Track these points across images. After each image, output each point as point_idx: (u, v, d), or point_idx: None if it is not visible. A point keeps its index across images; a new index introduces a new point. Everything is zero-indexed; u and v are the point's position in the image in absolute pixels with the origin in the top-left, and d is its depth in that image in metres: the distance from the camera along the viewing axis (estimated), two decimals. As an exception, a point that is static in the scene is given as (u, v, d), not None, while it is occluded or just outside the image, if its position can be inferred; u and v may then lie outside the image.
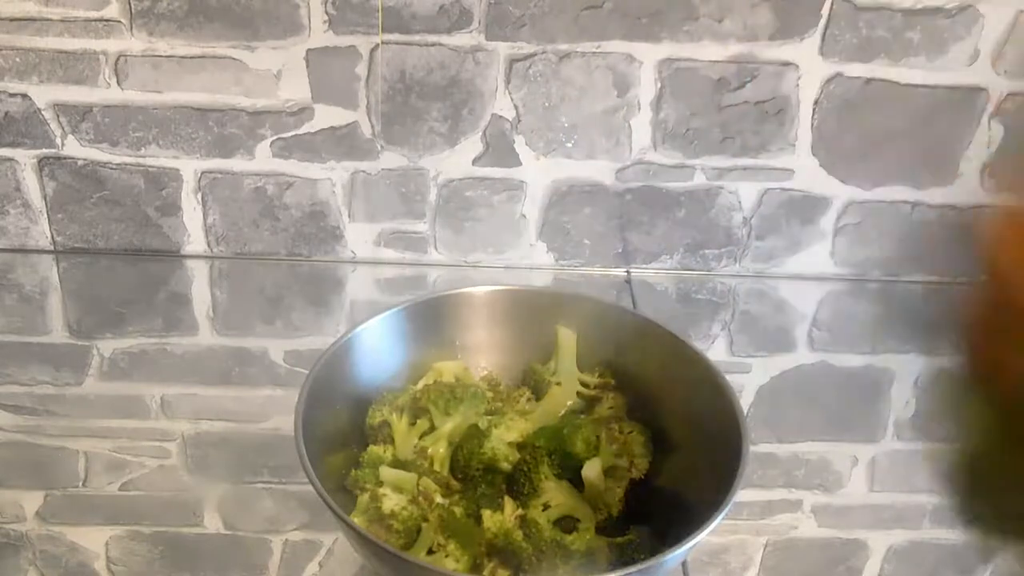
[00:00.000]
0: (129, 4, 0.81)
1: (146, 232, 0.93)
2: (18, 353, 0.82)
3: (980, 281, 0.48)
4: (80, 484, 0.69)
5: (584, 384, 0.68)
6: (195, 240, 0.94)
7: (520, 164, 0.89)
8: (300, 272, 0.94)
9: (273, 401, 0.77)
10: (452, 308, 0.69)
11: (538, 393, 0.68)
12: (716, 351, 0.86)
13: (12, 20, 0.82)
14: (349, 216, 0.92)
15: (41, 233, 0.93)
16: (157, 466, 0.71)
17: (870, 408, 0.82)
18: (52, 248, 0.94)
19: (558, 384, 0.67)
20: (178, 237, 0.93)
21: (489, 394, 0.67)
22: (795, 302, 0.94)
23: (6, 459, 0.71)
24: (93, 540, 0.65)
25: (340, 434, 0.63)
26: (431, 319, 0.68)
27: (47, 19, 0.82)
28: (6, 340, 0.84)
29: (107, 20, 0.82)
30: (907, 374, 0.86)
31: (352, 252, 0.95)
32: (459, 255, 0.95)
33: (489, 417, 0.64)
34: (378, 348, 0.66)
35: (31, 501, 0.67)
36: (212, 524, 0.67)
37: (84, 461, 0.71)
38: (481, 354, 0.70)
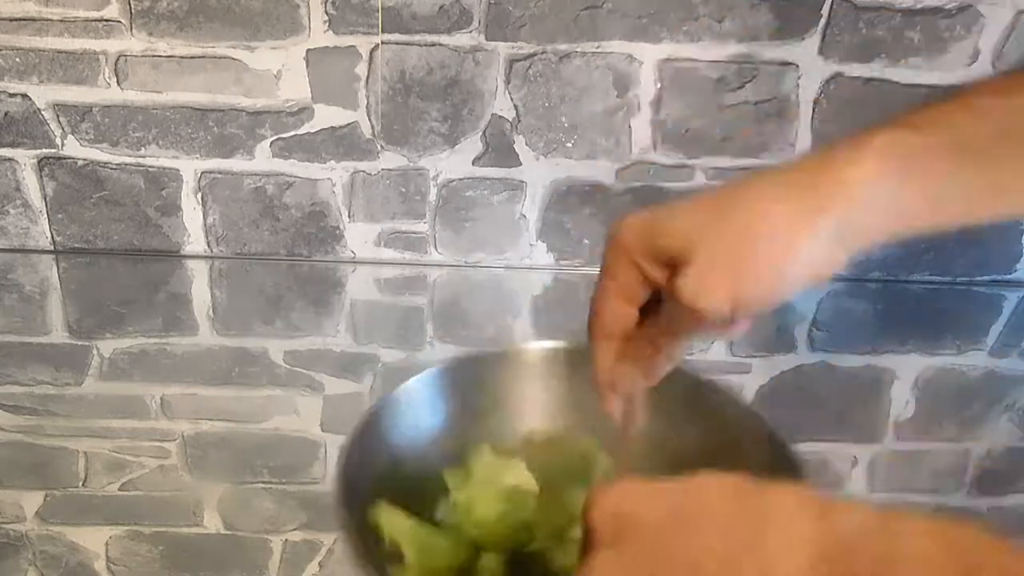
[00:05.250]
0: (129, 4, 0.81)
1: (146, 232, 0.93)
2: (18, 353, 0.82)
3: None
4: (80, 484, 0.69)
5: None
6: (195, 240, 0.94)
7: (520, 164, 0.89)
8: (300, 272, 0.94)
9: (273, 401, 0.77)
10: (495, 366, 0.62)
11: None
12: (716, 351, 0.86)
13: (12, 20, 0.82)
14: (349, 216, 0.92)
15: (41, 233, 0.93)
16: (157, 466, 0.71)
17: (870, 408, 0.82)
18: (52, 248, 0.94)
19: None
20: (178, 237, 0.93)
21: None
22: (795, 302, 0.94)
23: (6, 459, 0.71)
24: (93, 540, 0.65)
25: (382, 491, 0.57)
26: (473, 377, 0.61)
27: (47, 19, 0.82)
28: (6, 340, 0.84)
29: (107, 20, 0.82)
30: (907, 374, 0.86)
31: (352, 252, 0.95)
32: (459, 255, 0.95)
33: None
34: (417, 408, 0.60)
35: (31, 501, 0.67)
36: (212, 524, 0.66)
37: (84, 461, 0.71)
38: (526, 416, 0.62)
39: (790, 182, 0.42)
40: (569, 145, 0.88)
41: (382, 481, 0.56)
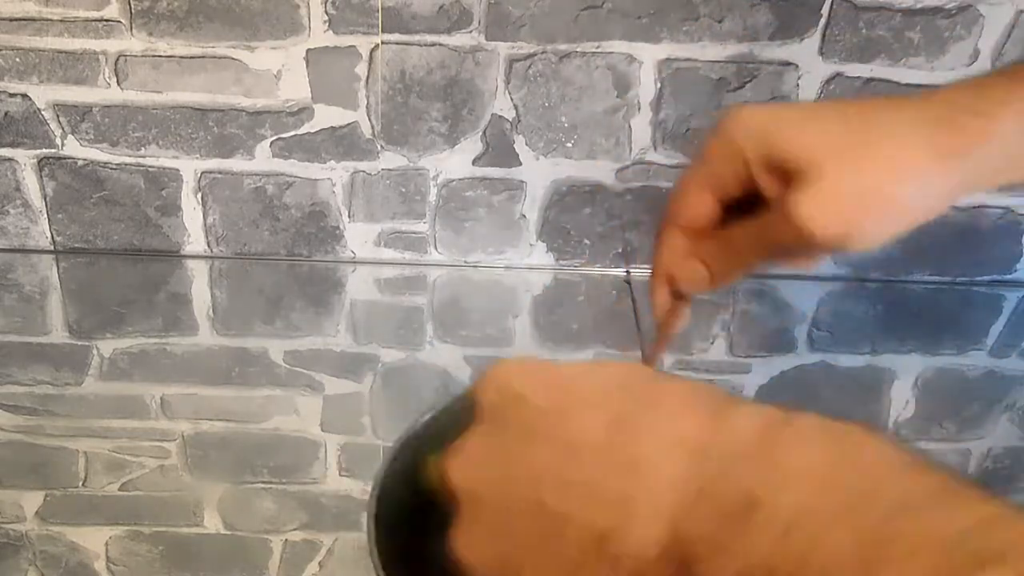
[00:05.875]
0: (129, 4, 0.81)
1: (146, 232, 0.93)
2: (18, 353, 0.82)
3: None
4: (80, 484, 0.69)
5: None
6: (195, 240, 0.94)
7: (520, 164, 0.89)
8: (300, 272, 0.94)
9: (273, 401, 0.77)
10: None
11: None
12: (716, 351, 0.86)
13: (12, 20, 0.82)
14: (349, 216, 0.92)
15: (41, 233, 0.93)
16: (157, 466, 0.71)
17: (870, 408, 0.82)
18: (52, 248, 0.94)
19: None
20: (178, 237, 0.94)
21: None
22: (795, 302, 0.94)
23: (6, 459, 0.71)
24: (93, 540, 0.65)
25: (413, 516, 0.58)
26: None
27: (47, 19, 0.82)
28: (6, 340, 0.84)
29: (107, 20, 0.82)
30: (907, 374, 0.86)
31: (352, 252, 0.95)
32: (459, 255, 0.95)
33: None
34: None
35: (31, 501, 0.67)
36: (212, 524, 0.67)
37: (84, 461, 0.71)
38: None
39: (934, 118, 0.39)
40: (569, 145, 0.88)
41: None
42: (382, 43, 0.83)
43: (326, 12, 0.81)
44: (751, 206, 0.42)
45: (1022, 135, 0.40)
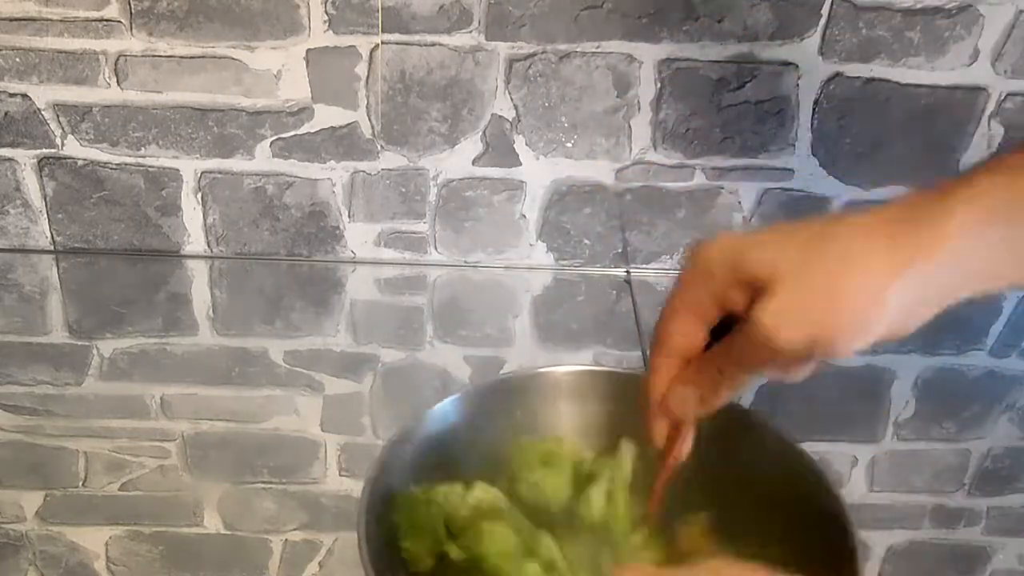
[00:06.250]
0: (129, 4, 0.81)
1: (146, 232, 0.93)
2: (18, 353, 0.82)
3: None
4: (80, 484, 0.69)
5: None
6: (195, 240, 0.94)
7: (520, 164, 0.89)
8: (300, 272, 0.94)
9: (273, 401, 0.77)
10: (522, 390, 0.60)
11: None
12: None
13: (12, 20, 0.82)
14: (349, 216, 0.92)
15: (41, 233, 0.93)
16: (157, 466, 0.71)
17: (870, 408, 0.82)
18: (52, 248, 0.94)
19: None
20: (178, 237, 0.94)
21: None
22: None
23: (6, 459, 0.71)
24: (93, 540, 0.65)
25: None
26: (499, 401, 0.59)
27: (47, 19, 0.82)
28: (6, 340, 0.84)
29: (107, 20, 0.82)
30: (907, 374, 0.86)
31: (352, 252, 0.95)
32: (459, 255, 0.95)
33: None
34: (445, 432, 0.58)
35: (31, 501, 0.67)
36: (212, 524, 0.67)
37: (84, 461, 0.71)
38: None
39: (888, 228, 0.40)
40: (569, 145, 0.88)
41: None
42: (382, 43, 0.83)
43: (326, 12, 0.82)
44: (733, 328, 0.44)
45: (982, 247, 0.40)
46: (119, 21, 0.82)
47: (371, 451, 0.72)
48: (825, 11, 0.82)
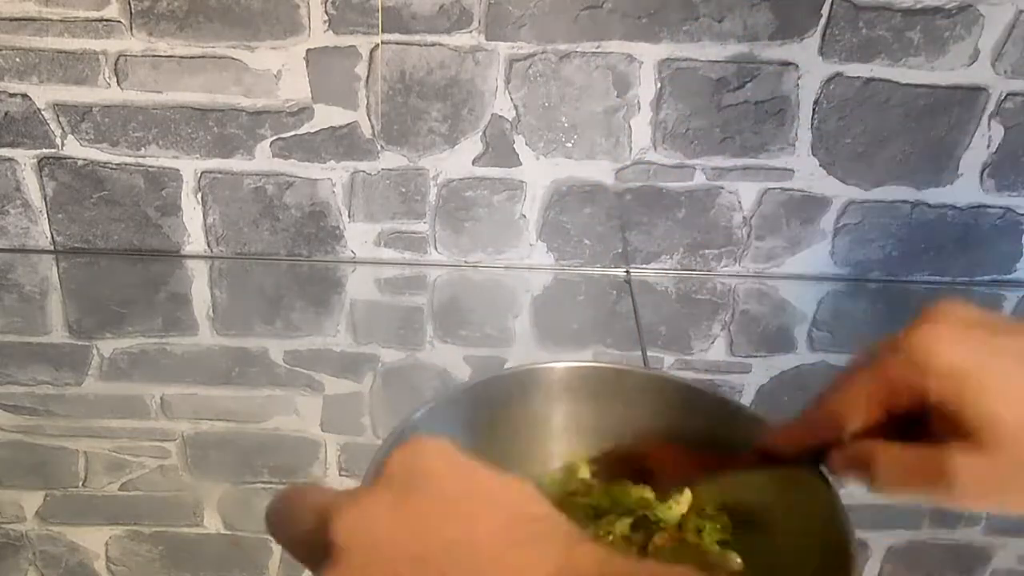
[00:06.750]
0: (129, 4, 0.81)
1: (146, 232, 0.93)
2: (18, 353, 0.82)
3: None
4: (80, 484, 0.69)
5: None
6: (195, 240, 0.94)
7: (520, 164, 0.89)
8: (300, 272, 0.94)
9: (273, 401, 0.77)
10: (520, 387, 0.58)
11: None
12: (716, 351, 0.86)
13: (12, 20, 0.82)
14: (349, 216, 0.92)
15: (41, 233, 0.93)
16: (157, 466, 0.71)
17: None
18: (52, 248, 0.94)
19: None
20: (178, 237, 0.94)
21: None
22: (795, 302, 0.94)
23: (6, 459, 0.71)
24: (93, 540, 0.65)
25: None
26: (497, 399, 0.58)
27: (47, 19, 0.82)
28: (6, 340, 0.84)
29: (107, 20, 0.82)
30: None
31: (352, 252, 0.95)
32: (459, 255, 0.95)
33: None
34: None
35: (31, 501, 0.67)
36: (212, 524, 0.67)
37: (84, 461, 0.71)
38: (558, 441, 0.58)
39: None
40: (569, 145, 0.88)
41: None
42: (382, 43, 0.83)
43: (326, 12, 0.82)
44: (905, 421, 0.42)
45: None
46: (119, 21, 0.82)
47: (371, 451, 0.72)
48: (825, 11, 0.82)
